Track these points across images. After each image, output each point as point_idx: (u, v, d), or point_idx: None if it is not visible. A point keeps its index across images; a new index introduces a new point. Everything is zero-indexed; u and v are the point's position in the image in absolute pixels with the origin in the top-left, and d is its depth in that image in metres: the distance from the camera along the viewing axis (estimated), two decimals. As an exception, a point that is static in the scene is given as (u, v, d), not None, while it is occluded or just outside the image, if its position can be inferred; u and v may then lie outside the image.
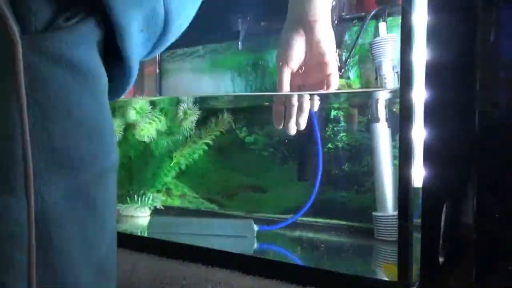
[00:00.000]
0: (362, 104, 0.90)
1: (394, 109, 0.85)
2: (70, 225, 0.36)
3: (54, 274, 0.35)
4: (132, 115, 0.96)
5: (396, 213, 0.79)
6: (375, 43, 0.80)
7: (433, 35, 0.57)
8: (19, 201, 0.33)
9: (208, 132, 1.01)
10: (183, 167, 1.05)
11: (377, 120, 0.81)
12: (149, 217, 1.04)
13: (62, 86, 0.35)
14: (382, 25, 0.80)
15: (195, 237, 0.86)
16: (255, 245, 0.80)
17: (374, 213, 0.82)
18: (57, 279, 0.35)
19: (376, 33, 0.83)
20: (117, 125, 0.98)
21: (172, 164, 1.04)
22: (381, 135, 0.81)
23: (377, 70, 0.81)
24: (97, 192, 0.38)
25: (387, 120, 0.82)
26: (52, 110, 0.34)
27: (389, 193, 0.81)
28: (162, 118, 0.99)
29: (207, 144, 1.02)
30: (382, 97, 0.81)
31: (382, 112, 0.82)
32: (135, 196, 1.04)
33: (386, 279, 0.62)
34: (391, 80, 0.80)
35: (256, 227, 0.84)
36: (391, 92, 0.78)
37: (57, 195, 0.35)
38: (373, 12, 0.83)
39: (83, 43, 0.36)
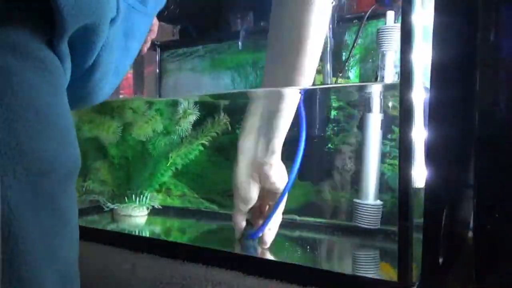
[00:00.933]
0: (362, 104, 0.90)
1: (390, 103, 0.85)
2: (36, 231, 0.34)
3: (18, 280, 0.33)
4: (129, 115, 0.97)
5: (376, 202, 0.80)
6: (382, 31, 0.79)
7: (434, 36, 0.57)
8: None
9: (204, 133, 1.01)
10: (179, 167, 1.05)
11: (370, 110, 0.82)
12: (146, 217, 1.05)
13: (30, 84, 0.33)
14: (389, 13, 0.79)
15: (195, 237, 0.86)
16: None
17: (355, 200, 0.83)
18: (21, 285, 0.33)
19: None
20: (116, 126, 0.98)
21: (168, 164, 1.04)
22: (372, 125, 0.82)
23: (380, 59, 0.80)
24: (62, 197, 0.36)
25: (381, 111, 0.82)
26: (18, 109, 0.32)
27: (372, 183, 0.81)
28: (158, 118, 1.00)
29: (203, 144, 1.02)
30: (377, 89, 0.81)
31: (376, 103, 0.82)
32: (133, 195, 1.04)
33: (385, 278, 0.62)
34: (391, 73, 0.79)
35: None
36: (387, 86, 0.78)
37: (24, 200, 0.33)
38: (369, 11, 0.82)
39: (44, 40, 0.34)
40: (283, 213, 0.76)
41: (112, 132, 0.97)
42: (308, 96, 0.89)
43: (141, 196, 1.04)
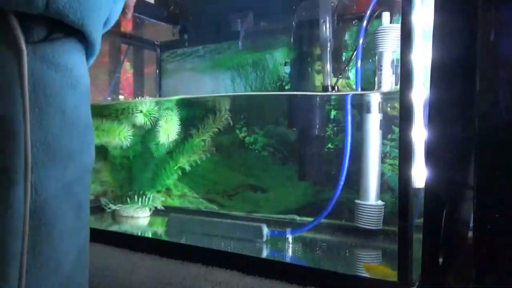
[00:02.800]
0: (362, 104, 0.90)
1: (388, 105, 0.85)
2: (59, 218, 0.41)
3: (42, 261, 0.39)
4: (140, 118, 0.96)
5: (377, 203, 0.80)
6: (378, 31, 0.79)
7: (435, 36, 0.57)
8: (17, 194, 0.38)
9: (206, 129, 1.00)
10: (186, 168, 1.04)
11: (369, 110, 0.82)
12: (149, 218, 1.04)
13: (59, 89, 0.40)
14: (385, 15, 0.79)
15: (195, 237, 0.86)
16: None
17: (356, 201, 0.82)
18: (44, 266, 0.40)
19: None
20: (127, 131, 0.97)
21: (176, 167, 1.03)
22: (371, 125, 0.82)
23: (378, 60, 0.80)
24: (79, 189, 0.43)
25: (379, 112, 0.82)
26: (49, 111, 0.39)
27: (373, 183, 0.81)
28: (173, 114, 0.99)
29: (204, 141, 1.01)
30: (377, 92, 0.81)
31: (375, 104, 0.82)
32: (135, 196, 1.03)
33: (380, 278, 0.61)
34: (388, 74, 0.79)
35: (266, 232, 0.82)
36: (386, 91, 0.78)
37: (50, 190, 0.40)
38: (368, 11, 0.82)
39: (75, 53, 0.42)
40: (282, 214, 0.76)
41: (123, 137, 0.96)
42: (307, 96, 0.89)
43: (143, 197, 1.03)
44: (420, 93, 0.62)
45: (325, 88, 0.85)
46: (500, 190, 0.56)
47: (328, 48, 0.84)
